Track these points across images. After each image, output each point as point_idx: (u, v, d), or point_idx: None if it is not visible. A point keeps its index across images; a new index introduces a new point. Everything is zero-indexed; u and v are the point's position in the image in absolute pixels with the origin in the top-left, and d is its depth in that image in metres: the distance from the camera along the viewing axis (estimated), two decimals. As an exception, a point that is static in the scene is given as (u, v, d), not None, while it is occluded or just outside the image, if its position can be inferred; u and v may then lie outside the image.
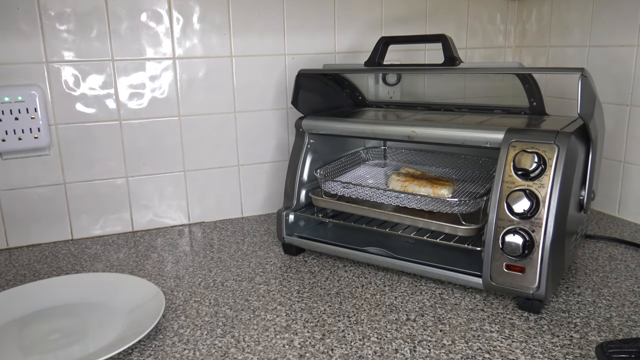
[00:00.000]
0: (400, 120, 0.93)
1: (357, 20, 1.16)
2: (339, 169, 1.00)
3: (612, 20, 1.05)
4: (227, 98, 1.09)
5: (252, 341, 0.66)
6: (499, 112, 0.94)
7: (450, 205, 0.80)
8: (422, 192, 0.85)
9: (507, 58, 1.34)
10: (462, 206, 0.79)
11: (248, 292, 0.79)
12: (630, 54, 1.01)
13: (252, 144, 1.13)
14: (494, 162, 0.93)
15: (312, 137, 0.95)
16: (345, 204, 0.90)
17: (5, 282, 0.86)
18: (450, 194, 0.84)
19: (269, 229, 1.08)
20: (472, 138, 0.77)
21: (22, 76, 0.93)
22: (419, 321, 0.70)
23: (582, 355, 0.61)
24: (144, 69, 1.01)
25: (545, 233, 0.67)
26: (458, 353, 0.63)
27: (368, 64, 0.89)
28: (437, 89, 1.20)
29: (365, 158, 1.11)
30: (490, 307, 0.73)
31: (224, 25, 1.05)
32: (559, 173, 0.67)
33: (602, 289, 0.78)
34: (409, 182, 0.88)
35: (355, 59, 1.16)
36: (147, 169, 1.06)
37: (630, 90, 1.02)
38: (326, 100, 1.03)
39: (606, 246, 0.94)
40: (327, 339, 0.66)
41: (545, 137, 0.69)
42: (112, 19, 0.97)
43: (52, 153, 0.98)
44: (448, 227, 0.79)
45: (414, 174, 0.94)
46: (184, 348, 0.65)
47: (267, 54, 1.10)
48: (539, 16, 1.25)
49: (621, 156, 1.06)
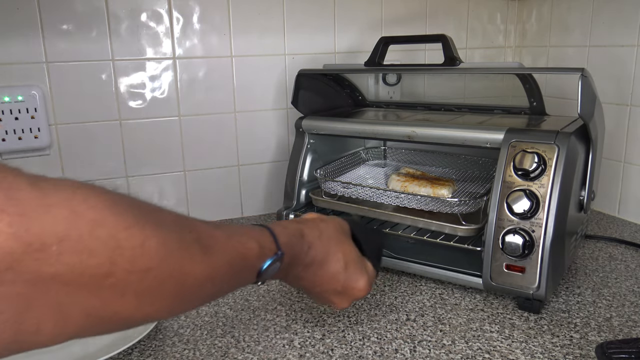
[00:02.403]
0: (400, 120, 0.93)
1: (357, 20, 1.16)
2: (339, 169, 1.00)
3: (612, 20, 1.05)
4: (227, 98, 1.09)
5: (252, 341, 0.66)
6: (499, 112, 0.94)
7: (451, 205, 0.80)
8: (422, 192, 0.85)
9: (507, 58, 1.34)
10: (462, 206, 0.80)
11: (248, 292, 0.79)
12: (630, 54, 1.01)
13: (252, 144, 1.13)
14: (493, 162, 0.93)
15: (312, 137, 0.95)
16: (345, 204, 0.90)
17: (5, 282, 0.86)
18: (450, 194, 0.84)
19: (269, 229, 1.07)
20: (472, 138, 0.77)
21: (22, 76, 0.93)
22: (419, 321, 0.70)
23: (582, 355, 0.61)
24: (144, 69, 1.01)
25: (545, 233, 0.67)
26: (458, 353, 0.63)
27: (368, 64, 0.89)
28: (437, 89, 1.20)
29: (365, 158, 1.10)
30: (490, 307, 0.73)
31: (224, 25, 1.05)
32: (559, 173, 0.67)
33: (602, 289, 0.78)
34: (409, 182, 0.88)
35: (355, 59, 1.16)
36: (147, 169, 1.06)
37: (630, 90, 1.02)
38: (326, 100, 1.03)
39: (606, 246, 0.94)
40: (327, 339, 0.66)
41: (545, 137, 0.69)
42: (112, 19, 0.97)
43: (52, 153, 0.98)
44: (448, 227, 0.79)
45: (414, 174, 0.94)
46: (184, 348, 0.65)
47: (267, 54, 1.10)
48: (539, 16, 1.25)
49: (621, 156, 1.06)
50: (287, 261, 0.53)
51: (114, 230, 0.33)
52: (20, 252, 0.28)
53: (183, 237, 0.39)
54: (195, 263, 0.39)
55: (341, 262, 0.59)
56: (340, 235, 0.61)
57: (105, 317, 0.34)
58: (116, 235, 0.33)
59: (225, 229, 0.46)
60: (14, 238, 0.28)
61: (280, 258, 0.50)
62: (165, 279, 0.36)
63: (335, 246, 0.59)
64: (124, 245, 0.33)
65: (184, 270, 0.38)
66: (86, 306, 0.33)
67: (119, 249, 0.33)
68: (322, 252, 0.58)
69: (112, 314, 0.35)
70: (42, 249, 0.29)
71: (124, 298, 0.34)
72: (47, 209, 0.30)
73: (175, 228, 0.39)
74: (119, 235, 0.33)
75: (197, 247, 0.40)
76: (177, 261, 0.37)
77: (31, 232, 0.29)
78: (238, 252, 0.45)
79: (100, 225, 0.32)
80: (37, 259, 0.29)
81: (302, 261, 0.56)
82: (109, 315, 0.35)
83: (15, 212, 0.28)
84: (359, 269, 0.61)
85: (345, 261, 0.59)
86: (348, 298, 0.61)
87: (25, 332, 0.31)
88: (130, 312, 0.36)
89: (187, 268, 0.38)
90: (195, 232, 0.41)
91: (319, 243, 0.58)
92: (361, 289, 0.60)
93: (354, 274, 0.60)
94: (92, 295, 0.32)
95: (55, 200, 0.31)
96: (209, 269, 0.41)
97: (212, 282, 0.42)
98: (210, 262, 0.41)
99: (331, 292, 0.60)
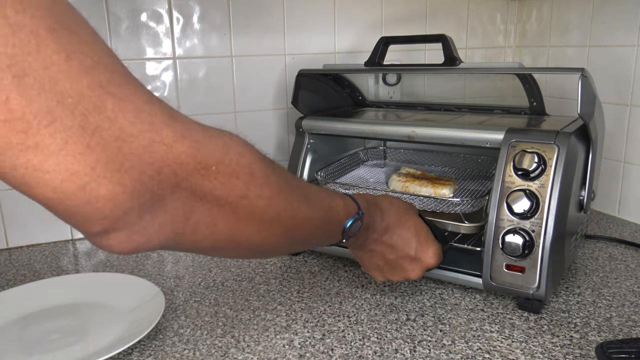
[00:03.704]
0: (400, 120, 0.93)
1: (357, 20, 1.16)
2: (339, 170, 1.00)
3: (612, 20, 1.05)
4: (227, 98, 1.09)
5: (252, 341, 0.66)
6: (499, 112, 0.94)
7: (453, 205, 0.81)
8: (424, 192, 0.85)
9: (507, 58, 1.34)
10: (464, 206, 0.80)
11: (248, 292, 0.79)
12: (630, 54, 1.01)
13: (252, 144, 1.13)
14: (492, 160, 0.93)
15: (312, 137, 0.95)
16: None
17: (5, 282, 0.86)
18: (451, 193, 0.84)
19: (269, 229, 1.07)
20: (472, 138, 0.77)
21: (22, 76, 0.93)
22: (419, 321, 0.70)
23: (582, 355, 0.61)
24: (144, 69, 1.01)
25: (545, 233, 0.67)
26: (458, 353, 0.63)
27: (368, 64, 0.89)
28: (437, 89, 1.20)
29: (365, 159, 1.10)
30: (490, 307, 0.73)
31: (224, 25, 1.05)
32: (559, 173, 0.67)
33: (602, 289, 0.78)
34: (409, 182, 0.88)
35: (355, 59, 1.16)
36: (147, 169, 1.06)
37: (630, 90, 1.02)
38: (326, 100, 1.03)
39: (606, 246, 0.94)
40: (327, 339, 0.66)
41: (545, 137, 0.69)
42: (112, 19, 0.97)
43: (52, 153, 0.98)
44: (451, 224, 0.79)
45: (414, 174, 0.94)
46: (184, 348, 0.65)
47: (267, 54, 1.10)
48: (539, 16, 1.25)
49: (621, 156, 1.06)
50: (366, 224, 0.61)
51: (251, 160, 0.42)
52: (192, 168, 0.37)
53: (290, 183, 0.49)
54: (301, 203, 0.49)
55: (412, 229, 0.66)
56: (410, 208, 0.68)
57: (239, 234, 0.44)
58: (252, 164, 0.42)
59: (316, 188, 0.55)
60: (191, 157, 0.37)
61: (361, 217, 0.59)
62: (281, 210, 0.46)
63: (405, 215, 0.66)
64: (257, 174, 0.43)
65: (293, 205, 0.48)
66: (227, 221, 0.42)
67: (253, 176, 0.42)
68: (395, 219, 0.65)
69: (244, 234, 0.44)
70: (206, 167, 0.38)
71: (252, 219, 0.44)
72: (210, 138, 0.39)
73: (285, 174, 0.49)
74: (254, 166, 0.42)
75: (300, 192, 0.50)
76: (288, 197, 0.47)
77: (201, 153, 0.37)
78: (329, 205, 0.55)
79: (243, 155, 0.41)
80: (202, 175, 0.38)
81: (378, 226, 0.63)
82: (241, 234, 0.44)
83: (191, 138, 0.37)
84: (429, 237, 0.67)
85: (416, 229, 0.66)
86: (420, 265, 0.66)
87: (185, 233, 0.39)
88: (253, 234, 0.45)
89: (296, 205, 0.48)
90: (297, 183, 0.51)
91: (392, 210, 0.65)
92: (432, 255, 0.66)
93: (426, 241, 0.66)
94: (231, 212, 0.41)
95: (214, 133, 0.40)
96: (310, 212, 0.51)
97: (312, 224, 0.52)
98: (310, 207, 0.51)
99: (405, 258, 0.66)
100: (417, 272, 0.67)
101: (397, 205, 0.67)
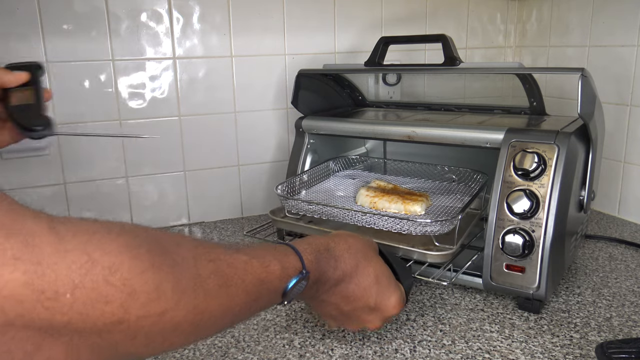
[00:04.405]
0: (400, 120, 0.93)
1: (357, 20, 1.16)
2: (307, 182, 0.93)
3: (612, 20, 1.05)
4: (227, 98, 1.09)
5: (252, 341, 0.66)
6: (499, 112, 0.94)
7: (422, 226, 0.71)
8: (393, 208, 0.78)
9: (507, 58, 1.34)
10: (433, 226, 0.71)
11: (248, 292, 0.79)
12: (630, 54, 1.01)
13: (252, 144, 1.13)
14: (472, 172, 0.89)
15: (312, 137, 0.95)
16: (304, 225, 0.83)
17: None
18: (423, 210, 0.77)
19: (269, 229, 1.08)
20: (472, 138, 0.77)
21: (22, 76, 0.93)
22: (419, 321, 0.70)
23: (582, 355, 0.61)
24: (144, 69, 1.01)
25: (545, 233, 0.67)
26: (458, 353, 0.63)
27: (368, 64, 0.89)
28: (437, 89, 1.20)
29: (335, 169, 1.01)
30: (490, 307, 0.73)
31: (224, 25, 1.05)
32: (559, 173, 0.67)
33: (602, 289, 0.78)
34: (378, 197, 0.81)
35: (355, 59, 1.16)
36: (147, 169, 1.06)
37: (630, 90, 1.02)
38: (326, 100, 1.03)
39: (606, 246, 0.94)
40: (327, 339, 0.66)
41: (545, 137, 0.69)
42: (112, 19, 0.97)
43: (52, 153, 0.98)
44: (417, 252, 0.72)
45: (385, 187, 0.87)
46: (184, 348, 0.65)
47: (267, 54, 1.10)
48: (539, 16, 1.25)
49: (621, 156, 1.06)
50: (315, 278, 0.52)
51: (128, 275, 0.32)
52: (33, 300, 0.28)
53: (199, 273, 0.38)
54: (211, 299, 0.38)
55: (372, 276, 0.57)
56: (369, 250, 0.59)
57: (115, 355, 0.35)
58: (131, 280, 0.32)
59: (247, 252, 0.45)
60: (27, 286, 0.28)
61: (305, 277, 0.49)
62: (179, 320, 0.36)
63: (364, 260, 0.57)
64: (139, 290, 0.33)
65: (198, 309, 0.37)
66: (96, 347, 0.33)
67: (133, 295, 0.32)
68: (351, 266, 0.55)
69: (123, 353, 0.35)
70: (55, 297, 0.29)
71: (135, 340, 0.34)
72: (64, 255, 0.30)
73: (193, 263, 0.38)
74: (133, 281, 0.32)
75: (214, 280, 0.39)
76: (191, 301, 0.36)
77: (45, 279, 0.29)
78: (257, 277, 0.44)
79: (116, 271, 0.32)
80: (48, 308, 0.29)
81: (330, 276, 0.54)
82: (120, 354, 0.35)
83: (30, 260, 0.28)
84: (391, 284, 0.59)
85: (376, 275, 0.57)
86: (380, 316, 0.58)
87: None
88: (141, 350, 0.35)
89: (202, 306, 0.38)
90: (215, 262, 0.40)
91: (348, 256, 0.56)
92: (394, 305, 0.58)
93: (387, 289, 0.58)
94: (102, 339, 0.32)
95: (72, 246, 0.31)
96: (226, 302, 0.40)
97: (230, 313, 0.42)
98: (227, 294, 0.40)
99: (363, 309, 0.57)
100: (376, 323, 0.59)
101: (355, 249, 0.57)
